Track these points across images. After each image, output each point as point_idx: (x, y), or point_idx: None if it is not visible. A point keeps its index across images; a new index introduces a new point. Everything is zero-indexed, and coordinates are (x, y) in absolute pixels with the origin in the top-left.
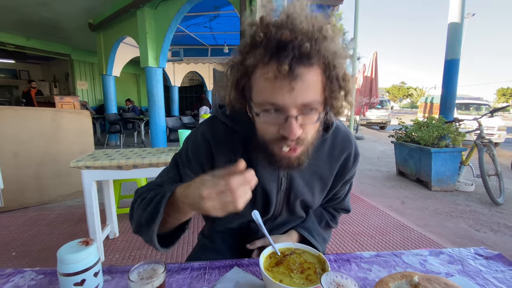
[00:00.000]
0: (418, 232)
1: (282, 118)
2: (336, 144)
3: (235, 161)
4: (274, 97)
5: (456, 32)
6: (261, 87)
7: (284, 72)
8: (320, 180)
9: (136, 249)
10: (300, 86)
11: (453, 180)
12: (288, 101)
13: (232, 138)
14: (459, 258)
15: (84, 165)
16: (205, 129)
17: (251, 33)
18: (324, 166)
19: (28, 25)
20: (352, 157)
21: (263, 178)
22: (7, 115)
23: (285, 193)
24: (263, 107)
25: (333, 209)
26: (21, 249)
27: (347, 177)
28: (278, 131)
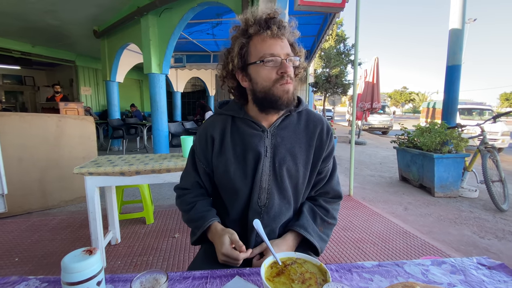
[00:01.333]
0: (421, 240)
1: (278, 62)
2: (310, 121)
3: (226, 135)
4: (272, 49)
5: (457, 38)
6: (260, 46)
7: (275, 32)
8: (301, 151)
9: (137, 255)
10: (283, 43)
11: (457, 186)
12: (279, 51)
13: (224, 120)
14: (461, 268)
15: (88, 172)
16: (207, 124)
17: (244, 21)
18: (302, 139)
19: (34, 32)
20: (325, 131)
21: (253, 145)
22: (13, 121)
23: (271, 161)
24: (264, 57)
25: (324, 200)
26: (24, 254)
27: (326, 151)
28: (276, 72)
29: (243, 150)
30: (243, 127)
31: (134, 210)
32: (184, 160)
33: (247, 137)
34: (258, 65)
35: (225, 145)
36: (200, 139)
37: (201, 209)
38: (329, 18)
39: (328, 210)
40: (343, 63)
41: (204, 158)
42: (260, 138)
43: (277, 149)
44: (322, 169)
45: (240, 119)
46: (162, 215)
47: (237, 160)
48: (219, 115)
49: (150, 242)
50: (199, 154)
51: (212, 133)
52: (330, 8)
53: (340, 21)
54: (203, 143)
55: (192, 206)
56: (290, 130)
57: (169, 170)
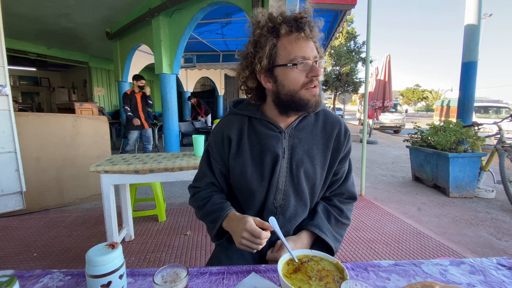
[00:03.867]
0: (436, 241)
1: (309, 65)
2: (327, 122)
3: (243, 136)
4: (302, 51)
5: (472, 34)
6: (290, 47)
7: (306, 34)
8: (319, 152)
9: (151, 252)
10: (312, 45)
11: (473, 187)
12: (309, 53)
13: (240, 121)
14: (480, 268)
15: (103, 170)
16: (222, 122)
17: (269, 18)
18: (320, 140)
19: (49, 35)
20: (342, 132)
21: (270, 146)
22: (31, 121)
23: (288, 162)
24: (295, 60)
25: (338, 201)
26: (42, 250)
27: (343, 152)
28: (306, 75)
29: (260, 151)
30: (260, 128)
31: (146, 207)
32: (196, 159)
33: (264, 138)
34: (288, 67)
35: (242, 146)
36: (216, 139)
37: (217, 201)
38: (340, 15)
39: (342, 211)
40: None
41: (220, 158)
42: (277, 139)
43: (295, 151)
44: (338, 170)
45: (257, 119)
46: (174, 213)
47: (254, 162)
48: (234, 115)
49: (163, 239)
50: (215, 155)
51: (228, 134)
52: (341, 5)
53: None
54: (220, 143)
55: (207, 200)
56: (308, 131)
57: (181, 169)
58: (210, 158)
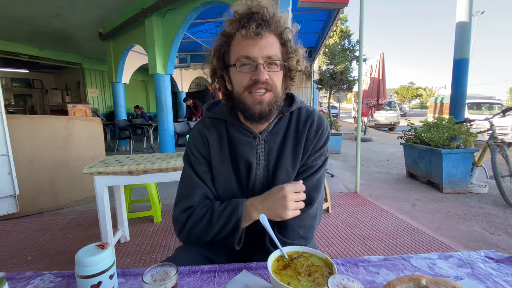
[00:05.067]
0: (429, 236)
1: (254, 66)
2: (300, 120)
3: (223, 145)
4: (246, 51)
5: (464, 31)
6: (237, 46)
7: (252, 30)
8: (291, 155)
9: (146, 253)
10: (264, 43)
11: (466, 182)
12: (256, 53)
13: (217, 126)
14: (468, 261)
15: (97, 171)
16: (198, 126)
17: (233, 13)
18: (291, 141)
19: (41, 36)
20: (314, 127)
21: (244, 153)
22: (23, 123)
23: (264, 169)
24: (238, 60)
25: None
26: (37, 253)
27: (311, 150)
28: (250, 78)
29: (237, 159)
30: (234, 133)
31: (142, 209)
32: None
33: (238, 145)
34: (233, 68)
35: (224, 153)
36: (196, 142)
37: (222, 205)
38: (333, 14)
39: (287, 229)
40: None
41: (205, 160)
42: (251, 146)
43: (270, 156)
44: (302, 167)
45: (231, 124)
46: (169, 214)
47: (234, 170)
48: (210, 119)
49: (159, 240)
50: (199, 158)
51: (208, 138)
52: (334, 4)
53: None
54: (200, 144)
55: (210, 212)
56: (282, 134)
57: (176, 169)
58: (194, 166)
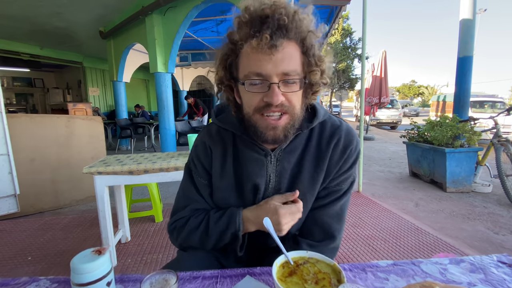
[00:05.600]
0: (434, 236)
1: (266, 86)
2: (323, 137)
3: (227, 158)
4: (258, 66)
5: (468, 29)
6: (246, 59)
7: (265, 41)
8: (309, 179)
9: (147, 253)
10: (280, 56)
11: (469, 181)
12: (270, 69)
13: (223, 138)
14: (481, 266)
15: (97, 171)
16: (203, 134)
17: (237, 17)
18: (312, 161)
19: (41, 35)
20: (340, 145)
21: (251, 173)
22: (23, 122)
23: (274, 192)
24: (248, 78)
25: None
26: (37, 253)
27: (336, 172)
28: (262, 99)
29: (241, 178)
30: (243, 148)
31: (143, 208)
32: None
33: (245, 163)
34: (243, 86)
35: (227, 168)
36: (198, 151)
37: (219, 213)
38: (335, 12)
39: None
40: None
41: (206, 173)
42: (261, 165)
43: (283, 178)
44: (323, 191)
45: (239, 137)
46: None
47: (237, 188)
48: (216, 127)
49: (160, 240)
50: (200, 169)
51: (212, 148)
52: (336, 1)
53: (346, 14)
54: (203, 155)
55: (205, 221)
56: (299, 152)
57: (177, 169)
58: (194, 177)
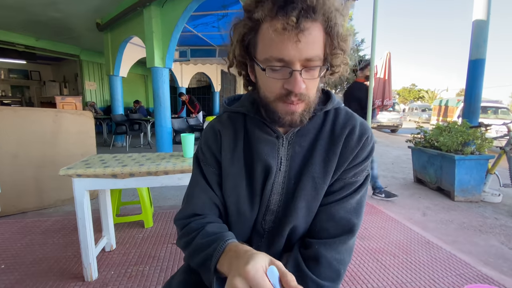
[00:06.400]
0: (446, 251)
1: (287, 72)
2: (337, 123)
3: (237, 141)
4: (280, 51)
5: (481, 30)
6: (268, 41)
7: (291, 24)
8: (321, 164)
9: (133, 264)
10: (306, 40)
11: (479, 190)
12: (294, 55)
13: (234, 121)
14: None
15: (75, 173)
16: (213, 121)
17: None
18: (324, 147)
19: (36, 25)
20: (356, 134)
21: (263, 154)
22: (6, 115)
23: (285, 176)
24: (269, 63)
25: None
26: (12, 261)
27: (351, 161)
28: (282, 85)
29: (252, 159)
30: (253, 129)
31: (133, 211)
32: (184, 161)
33: (256, 143)
34: (262, 70)
35: (238, 153)
36: (207, 138)
37: (213, 230)
38: None
39: (322, 264)
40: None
41: (215, 161)
42: (273, 146)
43: (294, 161)
44: (338, 183)
45: (251, 118)
46: (162, 218)
47: (247, 173)
48: (228, 114)
49: (148, 249)
50: (208, 157)
51: (222, 134)
52: None
53: (350, 15)
54: (211, 140)
55: (198, 232)
56: (312, 137)
57: (166, 172)
58: (202, 165)
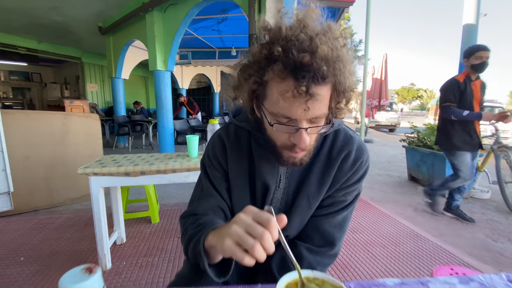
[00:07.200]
0: (433, 243)
1: (294, 128)
2: (335, 146)
3: (242, 156)
4: (288, 111)
5: (471, 34)
6: (276, 100)
7: (301, 92)
8: (316, 183)
9: (143, 256)
10: (315, 103)
11: (469, 187)
12: (300, 115)
13: (240, 136)
14: (490, 286)
15: (92, 172)
16: (221, 131)
17: (267, 44)
18: (320, 167)
19: (39, 29)
20: (351, 159)
21: (263, 172)
22: (17, 118)
23: (284, 193)
24: (276, 117)
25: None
26: (30, 253)
27: (343, 183)
28: (289, 138)
29: (254, 176)
30: (256, 147)
31: (139, 208)
32: (190, 160)
33: (258, 161)
34: (269, 123)
35: (242, 165)
36: (214, 145)
37: (205, 220)
38: (338, 13)
39: (303, 264)
40: None
41: (220, 166)
42: (273, 165)
43: (292, 179)
44: (327, 200)
45: (255, 136)
46: (167, 214)
47: (251, 187)
48: (233, 126)
49: (156, 242)
50: (215, 163)
51: (229, 145)
52: (339, 2)
53: (347, 16)
54: (219, 151)
55: (196, 224)
56: (311, 157)
57: (174, 171)
58: (208, 171)
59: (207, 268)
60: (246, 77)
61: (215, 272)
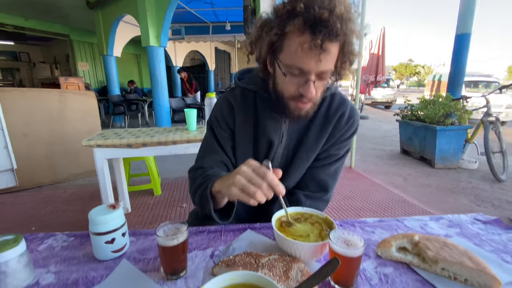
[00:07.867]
0: (419, 208)
1: (303, 80)
2: (331, 106)
3: (248, 117)
4: (302, 63)
5: (469, 4)
6: (293, 51)
7: (317, 45)
8: (314, 139)
9: (148, 223)
10: (323, 57)
11: (457, 158)
12: (312, 68)
13: (246, 98)
14: (458, 222)
15: (96, 144)
16: (227, 94)
17: (290, 2)
18: (318, 125)
19: (25, 4)
20: (345, 117)
21: (268, 130)
22: (14, 96)
23: (285, 148)
24: (290, 69)
25: (305, 195)
26: (40, 224)
27: (338, 137)
28: (297, 88)
29: (258, 134)
30: (262, 106)
31: (141, 182)
32: (189, 133)
33: (263, 119)
34: (282, 72)
35: (248, 123)
36: (222, 106)
37: (212, 172)
38: None
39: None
40: None
41: (227, 126)
42: (277, 123)
43: (293, 136)
44: (322, 154)
45: (261, 96)
46: (168, 187)
47: (254, 146)
48: (240, 89)
49: (159, 212)
50: (221, 123)
51: (234, 105)
52: None
53: None
54: (226, 111)
55: (204, 175)
56: (310, 117)
57: (174, 142)
58: (215, 130)
59: (212, 212)
60: (268, 30)
61: (218, 216)
